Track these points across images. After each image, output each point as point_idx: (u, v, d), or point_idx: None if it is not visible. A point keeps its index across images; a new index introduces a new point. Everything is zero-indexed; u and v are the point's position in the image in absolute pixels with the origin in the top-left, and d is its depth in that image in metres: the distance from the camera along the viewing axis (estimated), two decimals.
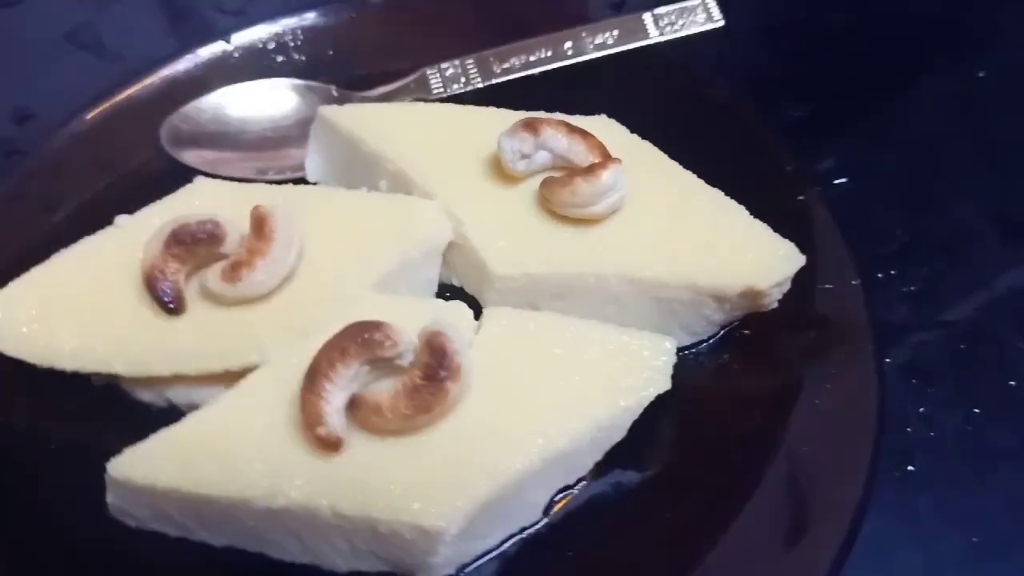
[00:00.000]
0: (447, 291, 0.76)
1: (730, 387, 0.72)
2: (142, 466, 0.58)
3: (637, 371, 0.64)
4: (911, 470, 0.67)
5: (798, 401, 0.65)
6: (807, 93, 0.91)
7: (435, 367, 0.59)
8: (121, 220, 0.72)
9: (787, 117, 0.89)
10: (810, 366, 0.69)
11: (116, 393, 0.68)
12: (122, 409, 0.67)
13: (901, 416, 0.69)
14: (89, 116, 0.85)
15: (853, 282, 0.70)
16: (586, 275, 0.69)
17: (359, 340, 0.59)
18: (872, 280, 0.72)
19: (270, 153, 0.88)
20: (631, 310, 0.70)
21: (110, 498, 0.59)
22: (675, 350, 0.66)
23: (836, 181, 0.84)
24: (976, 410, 0.70)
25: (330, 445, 0.57)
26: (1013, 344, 0.74)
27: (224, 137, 0.88)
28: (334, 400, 0.58)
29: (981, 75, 0.93)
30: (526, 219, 0.71)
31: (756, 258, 0.71)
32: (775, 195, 0.75)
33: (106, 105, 0.86)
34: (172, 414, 0.65)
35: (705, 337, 0.75)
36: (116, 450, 0.59)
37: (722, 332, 0.75)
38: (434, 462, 0.58)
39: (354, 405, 0.59)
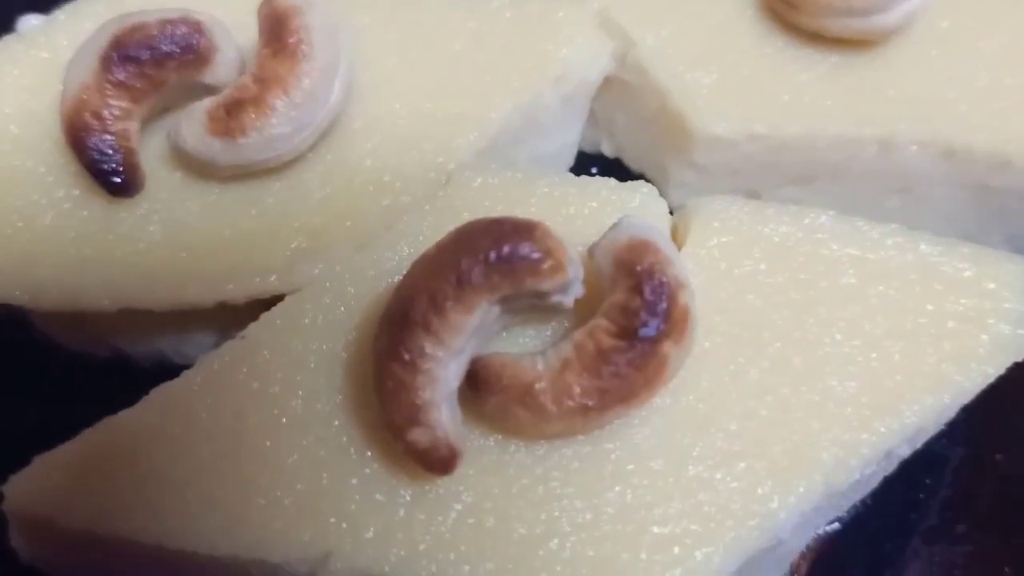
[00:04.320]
0: (592, 165, 0.55)
1: None
2: (63, 493, 0.37)
3: (979, 323, 0.41)
4: None
5: None
6: None
7: (641, 313, 0.35)
8: (27, 23, 0.50)
9: None
10: None
11: (23, 333, 0.49)
12: (31, 361, 0.48)
13: None
14: None
15: None
16: (863, 141, 0.47)
17: (492, 256, 0.35)
18: None
19: None
20: (929, 205, 0.49)
21: (15, 539, 0.40)
22: None
23: None
24: None
25: (438, 463, 0.35)
26: None
27: None
28: (443, 375, 0.35)
29: None
30: (748, 39, 0.49)
31: None
32: None
33: None
34: (116, 371, 0.47)
35: None
36: (14, 454, 0.39)
37: None
38: (644, 498, 0.36)
39: (476, 382, 0.37)
